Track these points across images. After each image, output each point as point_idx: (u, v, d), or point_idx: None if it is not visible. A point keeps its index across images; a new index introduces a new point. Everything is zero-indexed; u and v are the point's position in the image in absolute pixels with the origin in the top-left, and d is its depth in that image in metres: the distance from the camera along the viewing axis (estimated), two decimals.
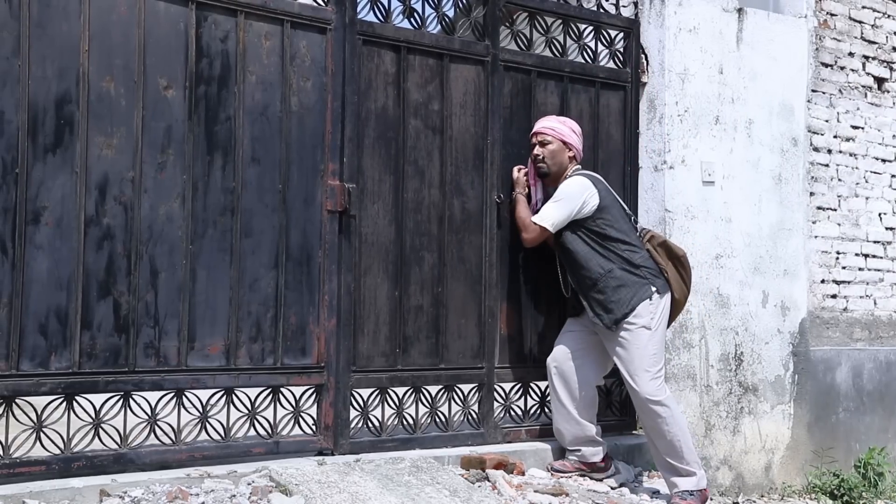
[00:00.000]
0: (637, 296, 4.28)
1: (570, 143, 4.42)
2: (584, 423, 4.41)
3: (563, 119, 4.52)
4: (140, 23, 3.61)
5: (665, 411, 4.26)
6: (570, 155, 4.44)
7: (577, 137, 4.46)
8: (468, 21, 4.57)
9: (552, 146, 4.41)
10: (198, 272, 3.73)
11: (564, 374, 4.42)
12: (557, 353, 4.47)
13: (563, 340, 4.50)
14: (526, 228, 4.40)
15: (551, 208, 4.34)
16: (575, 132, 4.46)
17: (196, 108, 3.74)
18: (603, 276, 4.29)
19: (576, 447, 4.43)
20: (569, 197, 4.32)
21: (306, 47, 4.03)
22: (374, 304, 4.19)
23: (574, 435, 4.42)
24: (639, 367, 4.27)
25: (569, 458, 4.44)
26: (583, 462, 4.42)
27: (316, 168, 4.04)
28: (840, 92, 5.86)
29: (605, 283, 4.29)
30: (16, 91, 3.35)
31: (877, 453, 5.63)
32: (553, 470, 4.39)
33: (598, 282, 4.30)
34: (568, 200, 4.32)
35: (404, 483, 3.75)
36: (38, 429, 3.41)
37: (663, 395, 4.30)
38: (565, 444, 4.46)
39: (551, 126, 4.44)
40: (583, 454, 4.42)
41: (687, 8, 5.07)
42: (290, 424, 3.98)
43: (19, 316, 3.35)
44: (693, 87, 5.08)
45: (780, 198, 5.43)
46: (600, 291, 4.30)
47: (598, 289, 4.30)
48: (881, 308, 6.04)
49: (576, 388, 4.40)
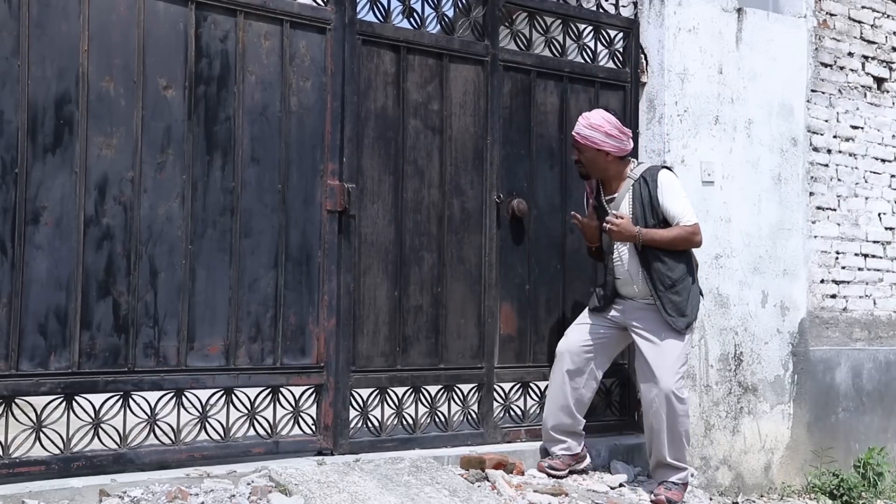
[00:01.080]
0: (700, 301, 4.42)
1: (604, 147, 4.29)
2: (577, 418, 4.42)
3: (597, 122, 4.30)
4: (139, 23, 3.62)
5: (683, 409, 4.31)
6: (609, 157, 4.32)
7: (613, 138, 4.29)
8: (468, 21, 4.57)
9: (587, 154, 4.33)
10: (197, 272, 3.73)
11: (575, 365, 4.39)
12: (571, 342, 4.43)
13: (577, 331, 4.46)
14: (696, 233, 4.31)
15: (682, 203, 4.31)
16: (610, 134, 4.28)
17: (196, 108, 3.74)
18: (682, 278, 4.30)
19: (561, 436, 4.41)
20: (681, 188, 4.37)
21: (306, 47, 4.03)
22: (373, 303, 4.20)
23: (562, 423, 4.40)
24: (671, 364, 4.28)
25: (557, 456, 4.42)
26: (569, 454, 4.43)
27: (315, 168, 4.04)
28: (839, 92, 5.86)
29: (683, 286, 4.30)
30: (15, 91, 3.35)
31: (876, 453, 5.63)
32: (550, 469, 4.38)
33: (676, 283, 4.29)
34: (683, 191, 4.36)
35: (404, 483, 3.75)
36: (37, 429, 3.41)
37: (685, 393, 4.34)
38: (549, 429, 4.42)
39: (582, 134, 4.31)
40: (568, 445, 4.43)
41: (686, 8, 5.07)
42: (290, 424, 3.98)
43: (19, 316, 3.35)
44: (692, 87, 5.08)
45: (780, 198, 5.43)
46: (678, 293, 4.29)
47: (675, 290, 4.29)
48: (881, 308, 6.04)
49: (581, 382, 4.40)
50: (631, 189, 4.34)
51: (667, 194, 4.30)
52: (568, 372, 4.41)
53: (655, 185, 4.31)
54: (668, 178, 4.34)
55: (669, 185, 4.32)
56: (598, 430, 4.78)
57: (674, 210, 4.30)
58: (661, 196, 4.30)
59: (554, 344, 4.72)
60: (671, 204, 4.30)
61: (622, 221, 4.25)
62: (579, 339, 4.43)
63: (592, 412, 4.82)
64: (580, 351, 4.41)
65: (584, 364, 4.41)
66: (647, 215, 4.30)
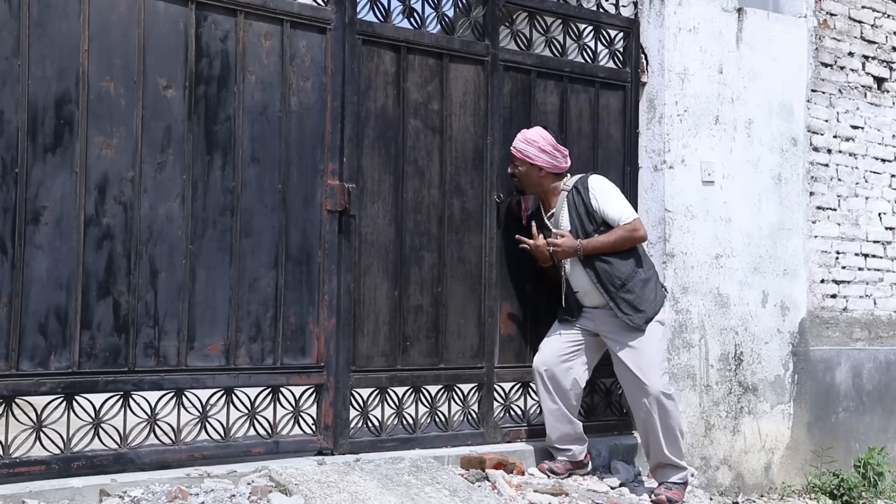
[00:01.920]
0: (659, 294, 4.38)
1: (538, 162, 4.35)
2: (575, 422, 4.43)
3: (533, 137, 4.37)
4: (140, 22, 3.61)
5: (673, 405, 4.33)
6: (542, 173, 4.37)
7: (547, 154, 4.34)
8: (468, 21, 4.57)
9: (522, 168, 4.40)
10: (197, 272, 3.73)
11: (555, 377, 4.39)
12: (546, 356, 4.42)
13: (550, 343, 4.46)
14: (636, 229, 4.32)
15: (617, 203, 4.33)
16: (543, 150, 4.34)
17: (196, 107, 3.74)
18: (631, 275, 4.31)
19: (566, 446, 4.43)
20: (614, 188, 4.40)
21: (306, 47, 4.03)
22: (373, 303, 4.20)
23: (565, 433, 4.42)
24: (652, 363, 4.30)
25: (559, 460, 4.44)
26: (571, 461, 4.44)
27: (315, 168, 4.04)
28: (840, 92, 5.86)
29: (633, 283, 4.31)
30: (15, 91, 3.35)
31: (876, 453, 5.63)
32: (549, 471, 4.39)
33: (626, 282, 4.30)
34: (616, 191, 4.39)
35: (404, 483, 3.75)
36: (37, 428, 3.41)
37: (672, 389, 4.36)
38: (553, 442, 4.45)
39: (518, 148, 4.39)
40: (573, 453, 4.44)
41: (686, 8, 5.07)
42: (290, 424, 3.98)
43: (19, 316, 3.34)
44: (693, 87, 5.08)
45: (780, 198, 5.43)
46: (629, 291, 4.30)
47: (626, 288, 4.30)
48: (881, 308, 6.04)
49: (567, 390, 4.40)
50: (566, 200, 4.39)
51: (600, 198, 4.34)
52: (550, 385, 4.41)
53: (587, 191, 4.35)
54: (598, 182, 4.39)
55: (601, 188, 4.36)
56: (598, 430, 4.78)
57: (611, 212, 4.33)
58: (594, 201, 4.33)
59: None
60: (606, 206, 4.33)
61: (563, 240, 4.31)
62: (554, 351, 4.42)
63: (593, 412, 4.83)
64: (557, 361, 4.40)
65: (563, 373, 4.39)
66: (584, 223, 4.34)
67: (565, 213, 4.39)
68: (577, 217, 4.35)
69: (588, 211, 4.34)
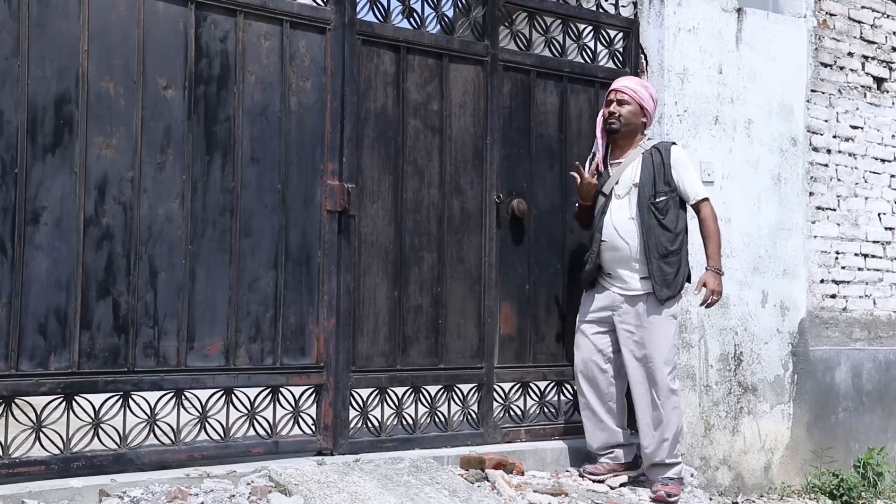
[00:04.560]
0: (685, 277, 4.39)
1: (646, 109, 4.46)
2: (613, 429, 4.43)
3: (646, 83, 4.57)
4: (139, 22, 3.62)
5: (679, 401, 4.35)
6: (643, 120, 4.48)
7: (654, 105, 4.51)
8: (467, 21, 4.57)
9: (630, 107, 4.44)
10: (197, 272, 3.73)
11: (592, 378, 4.42)
12: (584, 354, 4.45)
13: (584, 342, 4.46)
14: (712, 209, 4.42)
15: (697, 177, 4.47)
16: (654, 99, 4.50)
17: (195, 107, 3.74)
18: (677, 250, 4.33)
19: (607, 451, 4.45)
20: (691, 164, 4.47)
21: (305, 47, 4.03)
22: (373, 303, 4.20)
23: (604, 443, 4.44)
24: (665, 356, 4.30)
25: (601, 462, 4.45)
26: (617, 463, 4.45)
27: (315, 168, 4.04)
28: (839, 92, 5.86)
29: (675, 258, 4.33)
30: (15, 91, 3.35)
31: (876, 453, 5.63)
32: (587, 473, 4.40)
33: (670, 255, 4.31)
34: (693, 167, 4.47)
35: (404, 483, 3.75)
36: (37, 429, 3.41)
37: (678, 385, 4.37)
38: (594, 450, 4.46)
39: (633, 87, 4.47)
40: (615, 455, 4.45)
41: (686, 8, 5.07)
42: (290, 424, 3.98)
43: (19, 316, 3.35)
44: (692, 87, 5.08)
45: (780, 198, 5.43)
46: (669, 264, 4.31)
47: (668, 261, 4.31)
48: (880, 308, 6.04)
49: (605, 393, 4.42)
50: (641, 157, 4.42)
51: (681, 169, 4.40)
52: (588, 385, 4.44)
53: (669, 156, 4.40)
54: (681, 154, 4.46)
55: (683, 160, 4.43)
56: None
57: (689, 186, 4.40)
58: (675, 170, 4.39)
59: (554, 344, 4.74)
60: (686, 178, 4.41)
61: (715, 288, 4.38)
62: (588, 349, 4.44)
63: None
64: (591, 361, 4.43)
65: (599, 374, 4.42)
66: (657, 182, 4.36)
67: (637, 166, 4.40)
68: (652, 174, 4.36)
69: (664, 171, 4.36)
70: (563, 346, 4.75)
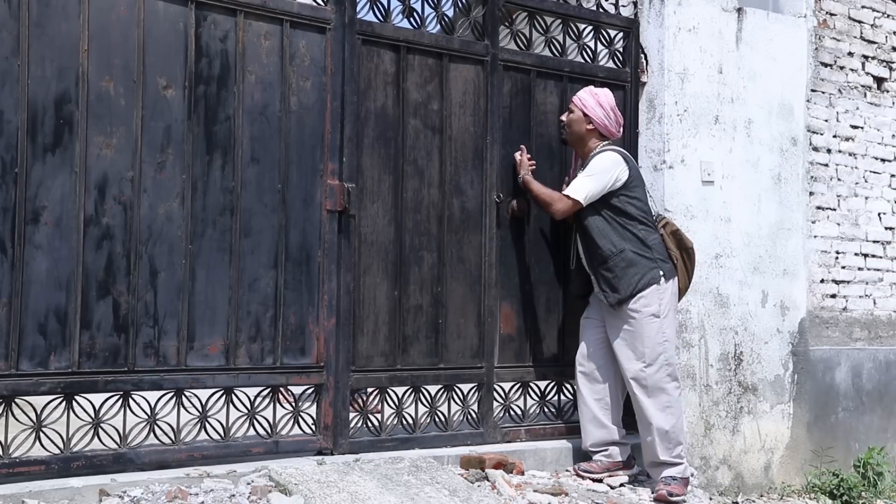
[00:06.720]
0: (645, 278, 4.32)
1: (591, 116, 4.43)
2: (610, 427, 4.44)
3: (597, 92, 4.50)
4: (139, 22, 3.61)
5: (673, 400, 4.34)
6: (587, 127, 4.44)
7: (603, 111, 4.44)
8: (468, 21, 4.57)
9: (573, 115, 4.47)
10: (197, 272, 3.73)
11: (590, 371, 4.44)
12: (582, 349, 4.49)
13: (585, 337, 4.50)
14: (556, 200, 4.38)
15: (584, 181, 4.35)
16: (602, 105, 4.44)
17: (195, 107, 3.74)
18: (614, 255, 4.32)
19: (602, 448, 4.45)
20: (602, 171, 4.34)
21: (305, 47, 4.03)
22: (373, 303, 4.20)
23: (598, 440, 4.44)
24: (648, 355, 4.30)
25: (596, 460, 4.45)
26: (611, 461, 4.45)
27: (315, 168, 4.04)
28: (839, 92, 5.86)
29: (614, 262, 4.32)
30: (15, 91, 3.35)
31: (876, 453, 5.63)
32: (582, 471, 4.39)
33: (608, 260, 4.32)
34: (601, 174, 4.34)
35: (404, 483, 3.75)
36: (37, 428, 3.41)
37: (669, 383, 4.34)
38: (587, 447, 4.46)
39: (580, 96, 4.50)
40: (609, 453, 4.45)
41: (686, 7, 5.07)
42: (290, 424, 3.98)
43: (19, 315, 3.34)
44: (692, 87, 5.08)
45: (780, 197, 5.43)
46: (609, 270, 4.32)
47: (607, 266, 4.32)
48: (880, 308, 6.04)
49: (601, 389, 4.43)
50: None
51: (586, 168, 4.39)
52: (585, 381, 4.45)
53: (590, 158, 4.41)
54: (598, 158, 4.40)
55: (595, 163, 4.38)
56: None
57: (576, 182, 4.39)
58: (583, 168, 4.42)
59: (554, 344, 4.74)
60: (579, 176, 4.39)
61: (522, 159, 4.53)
62: (586, 345, 4.47)
63: None
64: (588, 357, 4.45)
65: (596, 370, 4.43)
66: None
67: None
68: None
69: None
70: (563, 346, 4.75)
